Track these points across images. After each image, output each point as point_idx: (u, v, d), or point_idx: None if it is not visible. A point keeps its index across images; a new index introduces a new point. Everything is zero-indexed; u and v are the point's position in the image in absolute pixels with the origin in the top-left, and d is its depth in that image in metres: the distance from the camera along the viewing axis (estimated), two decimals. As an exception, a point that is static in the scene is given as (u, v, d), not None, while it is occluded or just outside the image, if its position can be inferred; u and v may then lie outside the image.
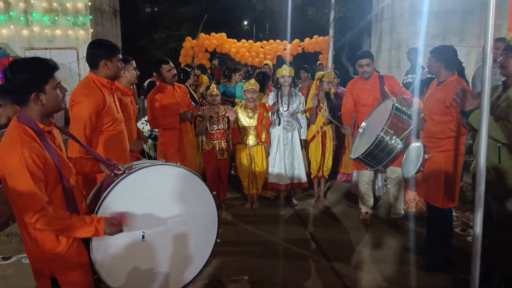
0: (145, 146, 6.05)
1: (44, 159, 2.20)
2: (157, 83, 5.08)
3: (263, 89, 6.78)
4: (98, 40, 3.57)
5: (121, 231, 2.41)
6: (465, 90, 3.54)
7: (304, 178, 5.89)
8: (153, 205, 2.62)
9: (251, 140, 5.73)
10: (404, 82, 7.52)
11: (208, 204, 2.90)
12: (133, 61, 4.38)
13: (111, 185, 2.47)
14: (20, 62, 2.23)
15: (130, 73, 4.32)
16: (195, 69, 9.48)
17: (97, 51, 3.41)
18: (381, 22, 12.89)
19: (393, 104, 4.21)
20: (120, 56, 3.49)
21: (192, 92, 6.87)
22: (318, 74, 5.98)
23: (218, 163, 5.63)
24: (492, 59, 2.49)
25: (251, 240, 4.96)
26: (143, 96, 7.42)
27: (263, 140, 5.74)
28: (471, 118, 3.40)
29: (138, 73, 4.44)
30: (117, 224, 2.38)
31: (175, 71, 4.98)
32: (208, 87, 5.77)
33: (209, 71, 10.72)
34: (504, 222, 3.39)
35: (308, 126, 6.03)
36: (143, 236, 2.54)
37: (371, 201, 5.44)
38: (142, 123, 6.59)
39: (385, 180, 6.35)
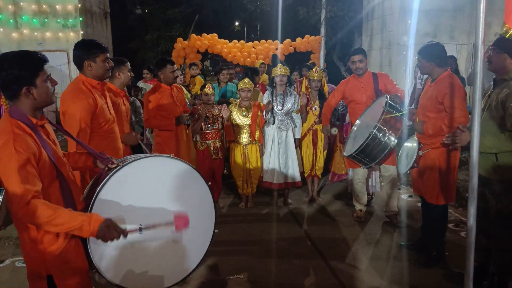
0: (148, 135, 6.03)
1: (38, 153, 2.17)
2: (154, 83, 5.05)
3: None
4: (81, 41, 3.52)
5: (113, 240, 2.27)
6: (455, 132, 3.41)
7: (298, 177, 5.90)
8: (149, 197, 2.61)
9: (245, 138, 5.74)
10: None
11: (204, 194, 2.88)
12: (128, 63, 4.36)
13: (105, 179, 2.46)
14: (9, 56, 2.18)
15: (124, 74, 4.30)
16: (190, 68, 9.42)
17: (79, 52, 3.39)
18: (372, 21, 12.94)
19: (386, 101, 4.23)
20: (107, 55, 3.43)
21: (187, 93, 6.86)
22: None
23: (212, 162, 5.63)
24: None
25: (246, 239, 4.96)
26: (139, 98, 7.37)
27: (256, 139, 5.74)
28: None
29: (132, 74, 4.43)
30: (116, 231, 2.26)
31: (177, 74, 4.98)
32: (203, 87, 5.77)
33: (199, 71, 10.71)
34: (502, 218, 3.41)
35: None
36: (140, 229, 2.53)
37: (365, 199, 5.47)
38: None
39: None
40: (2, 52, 2.26)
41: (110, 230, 2.22)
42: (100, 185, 2.43)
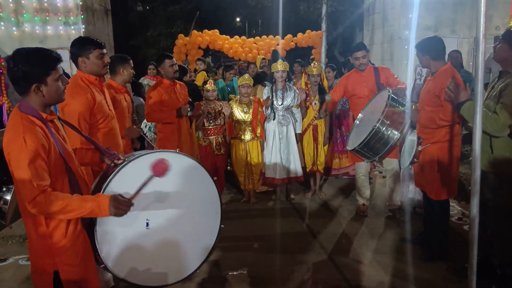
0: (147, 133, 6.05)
1: (48, 146, 2.19)
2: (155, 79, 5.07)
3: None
4: (77, 38, 3.53)
5: (126, 212, 2.32)
6: (457, 84, 3.55)
7: (300, 172, 5.89)
8: (155, 192, 2.64)
9: (246, 135, 5.74)
10: None
11: (209, 189, 2.90)
12: (131, 61, 4.39)
13: (112, 174, 2.48)
14: (23, 52, 2.20)
15: (127, 71, 4.33)
16: (196, 63, 9.47)
17: (74, 49, 3.40)
18: (373, 16, 12.89)
19: (389, 95, 4.22)
20: (102, 51, 3.42)
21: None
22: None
23: (215, 158, 5.64)
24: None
25: (249, 235, 4.97)
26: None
27: (258, 135, 5.74)
28: (462, 109, 3.42)
29: (134, 72, 4.45)
30: (124, 203, 2.30)
31: (177, 67, 5.00)
32: (204, 83, 5.77)
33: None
34: (499, 211, 3.42)
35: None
36: (147, 223, 2.55)
37: (367, 193, 5.45)
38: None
39: (381, 172, 6.39)
40: (3, 50, 2.27)
41: (119, 205, 2.27)
42: (107, 181, 2.46)
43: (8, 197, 3.62)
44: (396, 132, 4.17)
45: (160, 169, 2.40)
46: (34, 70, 2.19)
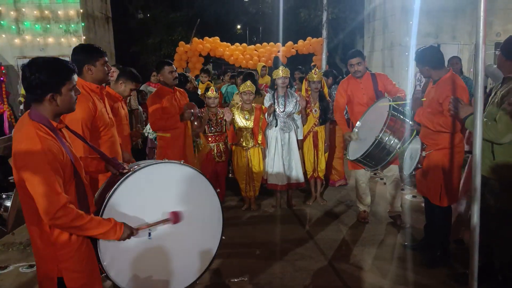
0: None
1: (62, 155, 2.22)
2: (157, 87, 5.11)
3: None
4: (80, 46, 3.54)
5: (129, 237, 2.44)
6: (458, 100, 3.56)
7: (301, 178, 5.90)
8: (159, 202, 2.66)
9: (248, 141, 5.74)
10: None
11: (212, 201, 2.93)
12: (139, 84, 4.60)
13: (117, 184, 2.50)
14: (40, 62, 2.23)
15: (127, 88, 4.47)
16: (200, 73, 9.55)
17: (79, 57, 3.41)
18: (374, 22, 12.94)
19: (390, 105, 4.21)
20: (105, 59, 3.46)
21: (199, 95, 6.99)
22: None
23: (216, 165, 5.64)
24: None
25: (250, 242, 4.96)
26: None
27: (259, 142, 5.75)
28: (467, 124, 3.43)
29: (134, 92, 4.51)
30: (131, 232, 2.43)
31: (176, 74, 5.01)
32: (206, 90, 5.79)
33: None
34: (501, 216, 3.42)
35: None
36: (149, 233, 2.55)
37: (368, 200, 5.44)
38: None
39: (382, 179, 6.38)
40: (4, 58, 2.29)
41: (129, 234, 2.41)
42: (112, 190, 2.47)
43: (8, 204, 3.64)
44: (398, 142, 4.17)
45: (176, 218, 2.64)
46: (51, 79, 2.22)
